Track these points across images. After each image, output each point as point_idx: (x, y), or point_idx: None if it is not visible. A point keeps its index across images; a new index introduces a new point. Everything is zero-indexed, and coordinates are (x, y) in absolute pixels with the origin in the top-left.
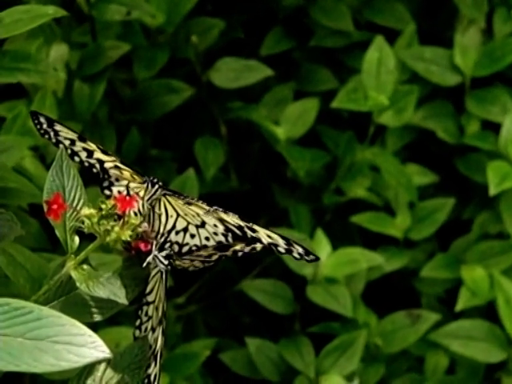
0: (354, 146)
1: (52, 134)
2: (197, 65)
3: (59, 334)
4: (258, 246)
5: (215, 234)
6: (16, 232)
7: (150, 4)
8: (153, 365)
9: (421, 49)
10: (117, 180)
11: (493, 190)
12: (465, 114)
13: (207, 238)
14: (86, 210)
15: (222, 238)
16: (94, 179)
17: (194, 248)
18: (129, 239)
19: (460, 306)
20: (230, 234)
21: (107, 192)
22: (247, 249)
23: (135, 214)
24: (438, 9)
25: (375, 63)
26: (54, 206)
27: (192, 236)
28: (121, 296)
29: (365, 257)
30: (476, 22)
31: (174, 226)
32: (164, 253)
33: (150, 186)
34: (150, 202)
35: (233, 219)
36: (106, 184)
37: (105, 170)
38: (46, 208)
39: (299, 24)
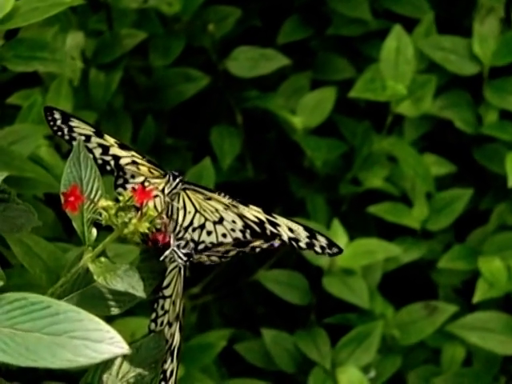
0: (371, 136)
1: (66, 130)
2: (213, 53)
3: (77, 329)
4: (277, 243)
5: (233, 230)
6: (33, 223)
7: None
8: (169, 360)
9: (439, 38)
10: (132, 177)
11: (511, 181)
12: (483, 103)
13: (224, 235)
14: (104, 202)
15: (240, 235)
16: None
17: (209, 245)
18: (146, 231)
19: (477, 297)
20: (248, 231)
21: (121, 190)
22: (265, 245)
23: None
24: None
25: (393, 52)
26: (71, 198)
27: (208, 233)
28: (139, 289)
29: (382, 248)
30: (495, 11)
31: (191, 223)
32: (184, 250)
33: (171, 178)
34: (169, 195)
35: (253, 213)
36: (120, 182)
37: (120, 167)
38: (63, 200)
39: (316, 12)
